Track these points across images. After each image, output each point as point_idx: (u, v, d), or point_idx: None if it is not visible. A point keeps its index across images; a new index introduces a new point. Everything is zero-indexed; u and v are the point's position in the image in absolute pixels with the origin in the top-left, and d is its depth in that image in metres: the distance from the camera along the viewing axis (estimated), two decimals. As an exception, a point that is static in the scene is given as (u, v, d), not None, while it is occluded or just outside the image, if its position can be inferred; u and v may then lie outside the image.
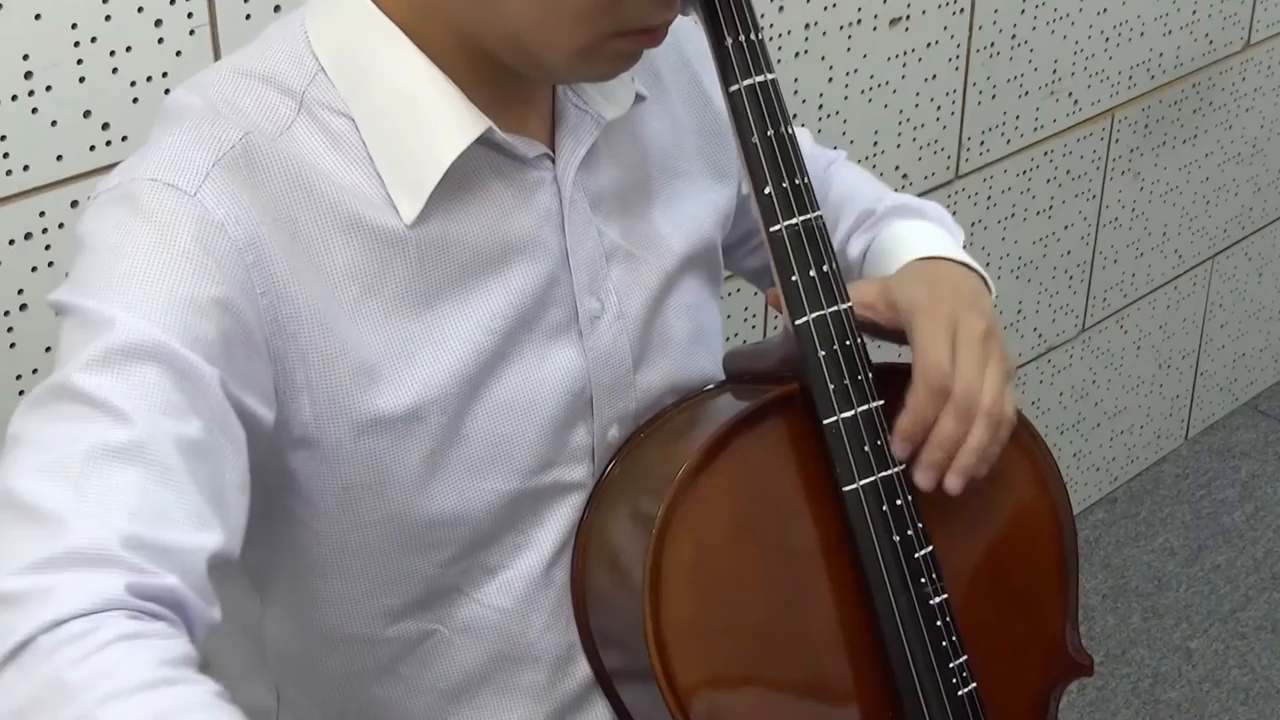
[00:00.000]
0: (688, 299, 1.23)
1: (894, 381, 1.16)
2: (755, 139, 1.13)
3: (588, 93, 1.15)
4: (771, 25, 2.05)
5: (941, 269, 1.25)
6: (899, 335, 1.18)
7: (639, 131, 1.20)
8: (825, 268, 1.13)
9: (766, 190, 1.13)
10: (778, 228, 1.13)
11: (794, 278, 1.13)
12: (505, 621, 1.17)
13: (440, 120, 1.06)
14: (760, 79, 1.13)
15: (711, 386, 1.23)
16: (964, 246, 1.31)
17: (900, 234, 1.29)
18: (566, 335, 1.15)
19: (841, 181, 1.40)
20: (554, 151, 1.13)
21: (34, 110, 1.47)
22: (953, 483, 1.15)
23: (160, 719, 0.82)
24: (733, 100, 1.13)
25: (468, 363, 1.10)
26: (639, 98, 1.18)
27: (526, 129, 1.12)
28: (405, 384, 1.08)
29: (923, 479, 1.15)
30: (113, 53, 1.50)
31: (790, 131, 1.14)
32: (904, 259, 1.26)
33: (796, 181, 1.13)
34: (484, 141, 1.08)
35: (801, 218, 1.13)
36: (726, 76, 1.13)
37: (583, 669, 1.19)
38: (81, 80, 1.49)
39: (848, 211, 1.36)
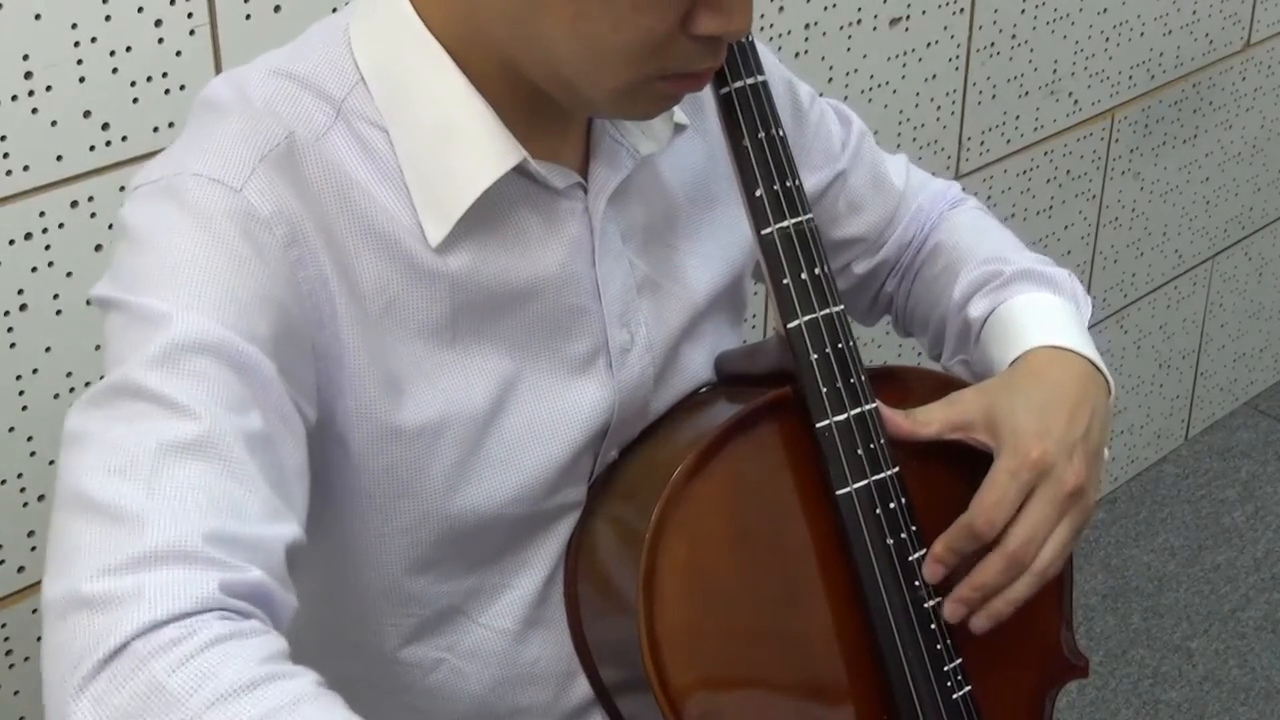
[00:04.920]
0: (711, 335, 1.22)
1: (888, 384, 1.16)
2: (746, 141, 1.13)
3: (625, 126, 1.14)
4: (771, 25, 2.05)
5: (1065, 376, 1.19)
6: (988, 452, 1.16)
7: (674, 163, 1.19)
8: (817, 271, 1.13)
9: (758, 193, 1.13)
10: (769, 230, 1.13)
11: (785, 281, 1.13)
12: (509, 644, 1.17)
13: (475, 147, 1.05)
14: (751, 81, 1.13)
15: (704, 389, 1.23)
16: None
17: (1026, 309, 1.24)
18: (593, 367, 1.14)
19: (962, 229, 1.35)
20: (586, 181, 1.12)
21: (34, 110, 1.47)
22: (979, 623, 1.15)
23: (269, 717, 0.82)
24: (724, 103, 1.13)
25: (488, 388, 1.09)
26: (679, 127, 1.17)
27: (560, 156, 1.10)
28: (426, 401, 1.07)
29: (950, 612, 1.15)
30: (113, 53, 1.50)
31: (781, 134, 1.14)
32: (1026, 342, 1.21)
33: (788, 184, 1.13)
34: (517, 170, 1.06)
35: (793, 220, 1.13)
36: (718, 79, 1.13)
37: (584, 684, 1.19)
38: (81, 80, 1.49)
39: (969, 264, 1.30)
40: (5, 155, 1.47)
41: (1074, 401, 1.18)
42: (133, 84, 1.52)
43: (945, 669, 1.16)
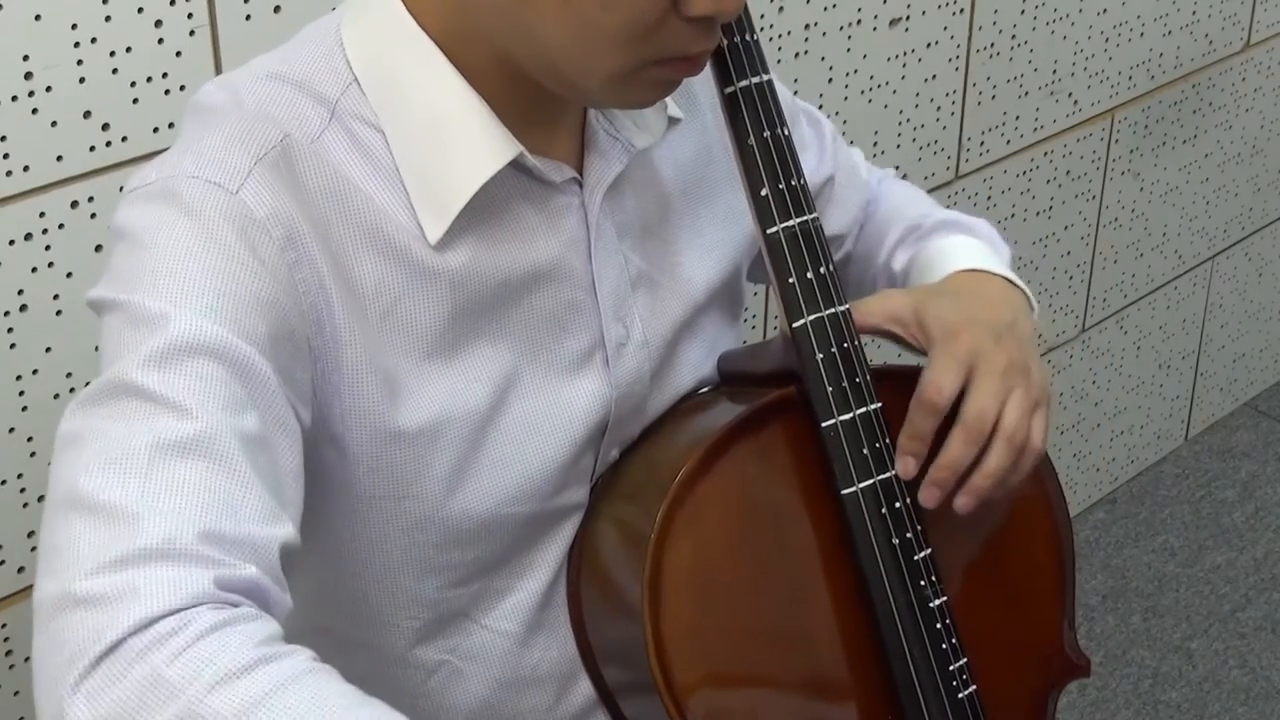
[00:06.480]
0: (708, 331, 1.22)
1: (893, 384, 1.16)
2: (752, 140, 1.12)
3: (619, 120, 1.13)
4: (771, 25, 2.05)
5: (984, 285, 1.23)
6: (923, 353, 1.17)
7: (668, 157, 1.19)
8: (823, 269, 1.13)
9: (763, 192, 1.13)
10: (775, 230, 1.13)
11: (791, 280, 1.13)
12: (511, 646, 1.17)
13: (471, 142, 1.05)
14: (756, 80, 1.12)
15: (707, 389, 1.22)
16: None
17: (946, 248, 1.28)
18: (590, 363, 1.14)
19: (891, 197, 1.39)
20: (581, 176, 1.11)
21: (34, 110, 1.47)
22: (960, 502, 1.14)
23: (270, 695, 0.82)
24: (729, 102, 1.13)
25: (487, 387, 1.09)
26: (672, 121, 1.16)
27: (554, 151, 1.10)
28: (425, 402, 1.07)
29: (924, 495, 1.14)
30: (113, 53, 1.50)
31: (786, 133, 1.13)
32: (944, 272, 1.25)
33: (793, 183, 1.13)
34: (514, 165, 1.06)
35: (798, 219, 1.13)
36: (723, 78, 1.12)
37: (584, 686, 1.19)
38: (81, 80, 1.49)
39: (895, 226, 1.34)
40: (5, 155, 1.47)
41: (993, 301, 1.20)
42: (133, 84, 1.52)
43: (950, 668, 1.16)
